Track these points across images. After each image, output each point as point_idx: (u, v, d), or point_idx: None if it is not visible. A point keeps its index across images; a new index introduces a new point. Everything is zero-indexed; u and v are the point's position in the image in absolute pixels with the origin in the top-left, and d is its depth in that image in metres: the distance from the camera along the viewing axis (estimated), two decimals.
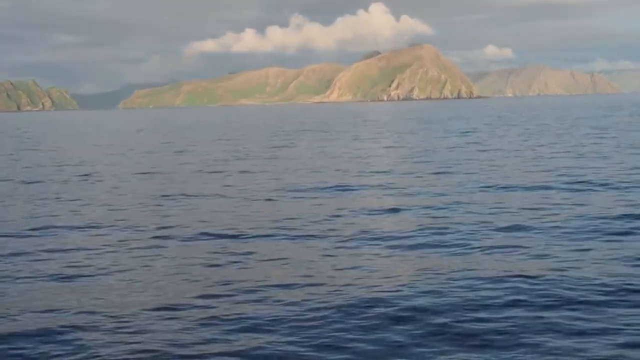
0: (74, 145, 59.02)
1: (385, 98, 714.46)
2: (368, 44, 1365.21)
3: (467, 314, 9.98)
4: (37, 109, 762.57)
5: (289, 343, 9.09)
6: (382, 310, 10.30)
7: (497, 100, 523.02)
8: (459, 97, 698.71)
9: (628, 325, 9.43)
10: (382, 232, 16.02)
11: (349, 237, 15.54)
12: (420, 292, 11.04)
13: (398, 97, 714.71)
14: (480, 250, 13.92)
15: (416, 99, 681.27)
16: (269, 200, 21.74)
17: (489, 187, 23.27)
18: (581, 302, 10.40)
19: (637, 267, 12.27)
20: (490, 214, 18.07)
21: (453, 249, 14.14)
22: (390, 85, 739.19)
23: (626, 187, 22.04)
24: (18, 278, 12.65)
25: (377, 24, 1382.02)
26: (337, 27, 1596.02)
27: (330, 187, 24.28)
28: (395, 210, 19.02)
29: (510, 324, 9.61)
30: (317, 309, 10.39)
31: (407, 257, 13.57)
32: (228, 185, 25.74)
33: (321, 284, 11.77)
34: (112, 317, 10.33)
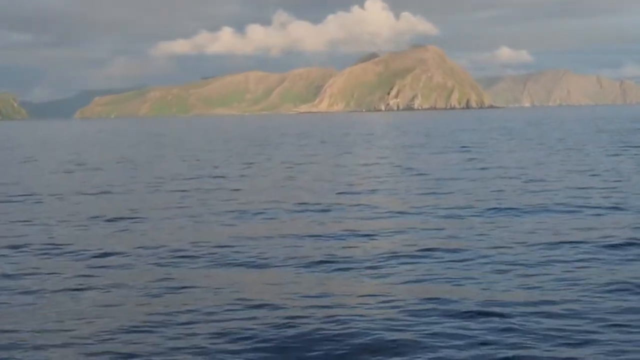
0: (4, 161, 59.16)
1: (383, 108, 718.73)
2: (363, 45, 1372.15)
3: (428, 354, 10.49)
4: None
5: None
6: (334, 345, 10.81)
7: (511, 110, 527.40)
8: (467, 106, 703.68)
9: None
10: (351, 257, 16.58)
11: (308, 262, 16.11)
12: (385, 324, 11.58)
13: (398, 106, 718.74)
14: (452, 281, 14.46)
15: (419, 109, 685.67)
16: (223, 223, 22.31)
17: (478, 209, 23.87)
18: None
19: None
20: (475, 239, 18.66)
21: (420, 277, 14.69)
22: (388, 93, 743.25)
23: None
24: None
25: (374, 22, 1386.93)
26: (328, 25, 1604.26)
27: (296, 208, 24.89)
28: (369, 235, 19.56)
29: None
30: (272, 339, 10.97)
31: (375, 283, 14.13)
32: (184, 206, 26.22)
33: (268, 312, 12.28)
34: (28, 349, 10.77)
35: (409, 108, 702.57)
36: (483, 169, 39.26)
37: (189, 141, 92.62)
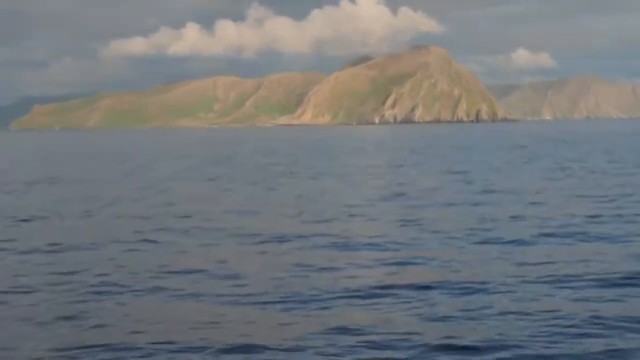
0: None
1: (377, 120, 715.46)
2: (354, 45, 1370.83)
3: None
4: None
5: None
6: None
7: (529, 124, 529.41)
8: (477, 119, 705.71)
9: None
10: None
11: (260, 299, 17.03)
12: None
13: (395, 118, 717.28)
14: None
15: (419, 122, 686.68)
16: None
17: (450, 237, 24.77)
18: None
19: None
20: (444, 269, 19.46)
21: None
22: (384, 103, 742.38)
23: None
24: None
25: (367, 18, 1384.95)
26: (313, 22, 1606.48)
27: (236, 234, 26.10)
28: (326, 268, 20.49)
29: None
30: None
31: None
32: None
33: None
34: None
35: (408, 120, 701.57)
36: (487, 192, 40.34)
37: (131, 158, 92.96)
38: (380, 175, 55.70)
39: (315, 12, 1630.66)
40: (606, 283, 17.91)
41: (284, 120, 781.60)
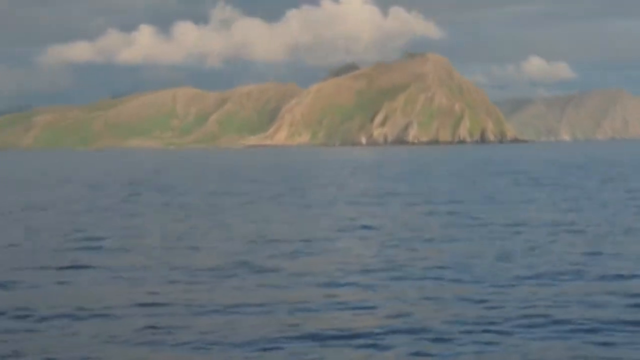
0: None
1: (364, 140, 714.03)
2: (338, 52, 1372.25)
3: None
4: None
5: None
6: None
7: (544, 146, 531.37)
8: (482, 139, 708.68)
9: None
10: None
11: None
12: None
13: (385, 138, 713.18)
14: None
15: (414, 143, 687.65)
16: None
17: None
18: None
19: None
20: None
21: None
22: (372, 120, 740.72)
23: None
24: None
25: (353, 20, 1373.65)
26: (289, 24, 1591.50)
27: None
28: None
29: None
30: None
31: None
32: None
33: None
34: None
35: (400, 141, 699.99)
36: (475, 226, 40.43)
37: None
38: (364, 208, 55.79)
39: (292, 13, 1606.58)
40: None
41: (254, 140, 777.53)
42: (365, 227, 43.39)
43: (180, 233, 42.09)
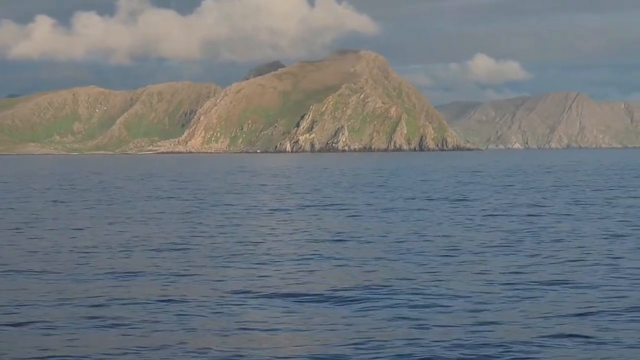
0: None
1: (289, 147, 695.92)
2: (260, 48, 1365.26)
3: None
4: None
5: None
6: None
7: (491, 154, 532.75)
8: (421, 147, 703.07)
9: None
10: None
11: None
12: None
13: (312, 145, 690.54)
14: None
15: (344, 150, 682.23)
16: None
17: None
18: None
19: None
20: None
21: None
22: (298, 124, 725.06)
23: None
24: None
25: (277, 11, 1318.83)
26: (204, 16, 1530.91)
27: None
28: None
29: None
30: None
31: None
32: None
33: None
34: None
35: (329, 148, 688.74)
36: None
37: None
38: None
39: (208, 4, 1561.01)
40: None
41: (166, 146, 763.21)
42: None
43: None
